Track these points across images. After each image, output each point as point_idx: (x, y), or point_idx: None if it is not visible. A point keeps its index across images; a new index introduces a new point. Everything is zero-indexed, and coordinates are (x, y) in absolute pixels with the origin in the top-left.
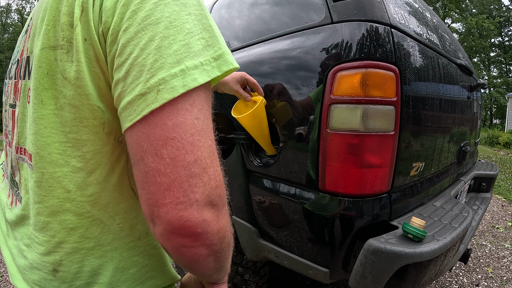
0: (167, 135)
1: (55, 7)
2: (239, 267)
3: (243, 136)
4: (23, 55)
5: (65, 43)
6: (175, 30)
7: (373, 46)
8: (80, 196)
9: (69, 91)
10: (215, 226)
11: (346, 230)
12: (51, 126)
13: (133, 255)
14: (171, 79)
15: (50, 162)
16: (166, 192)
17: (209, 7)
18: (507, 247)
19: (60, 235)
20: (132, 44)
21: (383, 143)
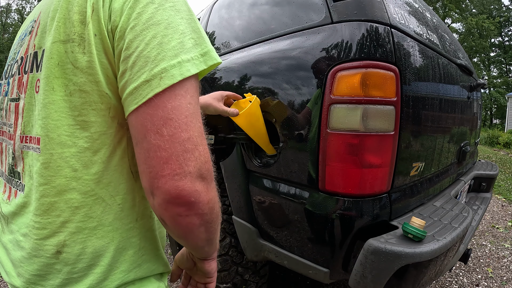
0: (167, 116)
1: (65, 7)
2: (239, 267)
3: (243, 136)
4: (28, 52)
5: (77, 37)
6: (172, 30)
7: (373, 46)
8: (85, 175)
9: (81, 78)
10: (205, 197)
11: (346, 230)
12: (61, 110)
13: (131, 236)
14: (171, 68)
15: (59, 143)
16: (165, 165)
17: (209, 7)
18: (507, 247)
19: (65, 214)
20: (138, 39)
21: (383, 143)
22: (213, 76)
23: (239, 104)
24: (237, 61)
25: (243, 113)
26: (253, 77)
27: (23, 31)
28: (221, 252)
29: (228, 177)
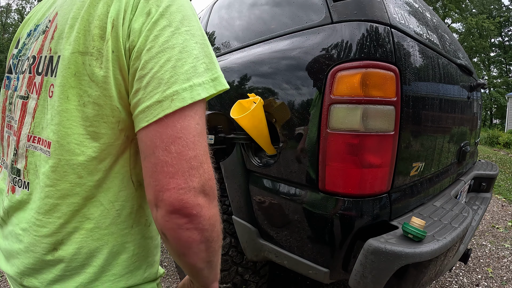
0: (175, 135)
1: (86, 18)
2: (239, 267)
3: (243, 136)
4: (43, 53)
5: (95, 51)
6: (186, 54)
7: (373, 46)
8: (89, 181)
9: (96, 91)
10: (207, 212)
11: (346, 230)
12: (73, 119)
13: (126, 242)
14: (182, 91)
15: (68, 151)
16: (171, 180)
17: (209, 7)
18: (507, 247)
19: (66, 216)
20: (154, 61)
21: (383, 143)
22: None
23: (242, 104)
24: (237, 61)
25: (246, 115)
26: (253, 77)
27: (34, 24)
28: (221, 252)
29: (228, 177)
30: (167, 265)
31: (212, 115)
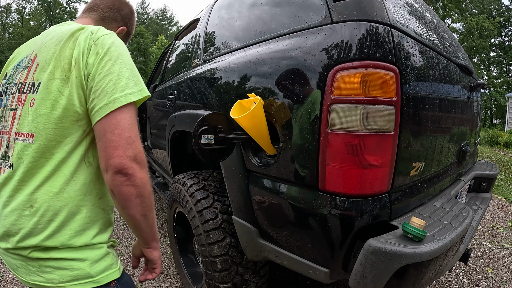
0: (117, 123)
1: (58, 59)
2: (239, 267)
3: (243, 136)
4: (27, 80)
5: (64, 77)
6: (121, 76)
7: (373, 46)
8: (58, 158)
9: (64, 101)
10: (139, 174)
11: (346, 230)
12: (48, 119)
13: (81, 206)
14: (120, 97)
15: (45, 138)
16: (115, 151)
17: (209, 7)
18: (507, 247)
19: (41, 180)
20: (102, 81)
21: (383, 143)
22: (213, 77)
23: (242, 104)
24: (237, 61)
25: (246, 115)
26: (253, 77)
27: (17, 62)
28: (221, 252)
29: (228, 177)
30: (167, 265)
31: (212, 115)
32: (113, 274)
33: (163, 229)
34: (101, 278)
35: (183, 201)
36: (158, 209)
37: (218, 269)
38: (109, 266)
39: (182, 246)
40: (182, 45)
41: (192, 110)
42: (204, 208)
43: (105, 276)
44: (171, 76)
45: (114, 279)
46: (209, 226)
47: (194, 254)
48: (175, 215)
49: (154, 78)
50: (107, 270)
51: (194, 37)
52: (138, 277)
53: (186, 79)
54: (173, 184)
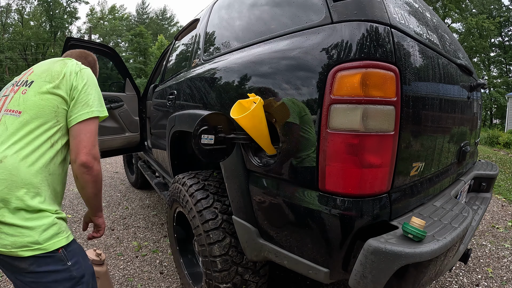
0: (86, 129)
1: (50, 70)
2: (239, 267)
3: (243, 136)
4: (22, 79)
5: (52, 82)
6: (95, 98)
7: (373, 46)
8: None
9: (48, 96)
10: (96, 167)
11: (346, 230)
12: (35, 104)
13: (45, 179)
14: (95, 110)
15: (29, 116)
16: (84, 149)
17: (208, 7)
18: (507, 247)
19: (16, 140)
20: (84, 97)
21: (383, 143)
22: (213, 77)
23: (242, 104)
24: (237, 61)
25: (246, 115)
26: (253, 77)
27: (14, 80)
28: (221, 252)
29: (228, 177)
30: (167, 265)
31: (212, 115)
32: (60, 242)
33: (163, 229)
34: (48, 245)
35: (183, 201)
36: (158, 209)
37: (218, 269)
38: (56, 234)
39: (182, 246)
40: (182, 45)
41: (192, 110)
42: (204, 208)
43: (52, 243)
44: (171, 76)
45: (61, 246)
46: (209, 226)
47: (194, 254)
48: (175, 215)
49: (154, 78)
50: (54, 238)
51: (194, 37)
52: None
53: (186, 79)
54: (173, 184)
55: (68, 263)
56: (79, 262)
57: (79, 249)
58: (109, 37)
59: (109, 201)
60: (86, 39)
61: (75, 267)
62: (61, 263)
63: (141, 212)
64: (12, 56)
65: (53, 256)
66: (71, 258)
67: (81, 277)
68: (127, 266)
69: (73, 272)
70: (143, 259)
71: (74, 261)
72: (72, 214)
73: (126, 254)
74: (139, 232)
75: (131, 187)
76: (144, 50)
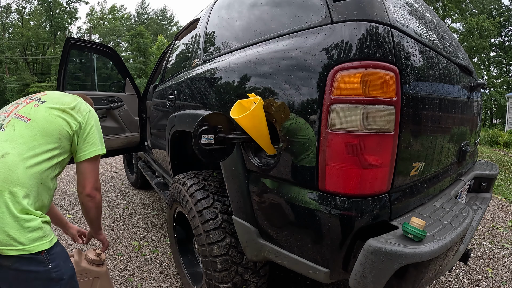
0: (91, 166)
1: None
2: (239, 267)
3: (243, 136)
4: (35, 96)
5: (62, 109)
6: (98, 137)
7: (373, 46)
8: (35, 141)
9: (57, 119)
10: (98, 196)
11: (346, 230)
12: (43, 118)
13: (37, 188)
14: (99, 149)
15: (37, 125)
16: (90, 184)
17: (208, 7)
18: (507, 247)
19: (21, 142)
20: (91, 136)
21: (383, 143)
22: (213, 77)
23: (242, 104)
24: (237, 61)
25: (246, 115)
26: (253, 77)
27: (26, 97)
28: (221, 252)
29: (228, 177)
30: (167, 265)
31: (212, 115)
32: (43, 245)
33: (163, 229)
34: (32, 247)
35: (183, 201)
36: (158, 209)
37: (218, 269)
38: (40, 238)
39: (182, 246)
40: (182, 45)
41: (192, 110)
42: (204, 208)
43: (36, 245)
44: (171, 76)
45: (44, 249)
46: (209, 226)
47: (194, 254)
48: (175, 215)
49: (154, 78)
50: (38, 241)
51: (194, 37)
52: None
53: (186, 79)
54: (173, 184)
55: (49, 265)
56: (59, 265)
57: (61, 252)
58: (109, 37)
59: (109, 201)
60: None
61: (55, 269)
62: (42, 264)
63: (141, 212)
64: (12, 56)
65: (36, 258)
66: (52, 261)
67: (60, 279)
68: (127, 266)
69: (52, 274)
70: (143, 259)
71: (54, 264)
72: (72, 214)
73: (126, 254)
74: (139, 232)
75: (131, 187)
76: (144, 50)
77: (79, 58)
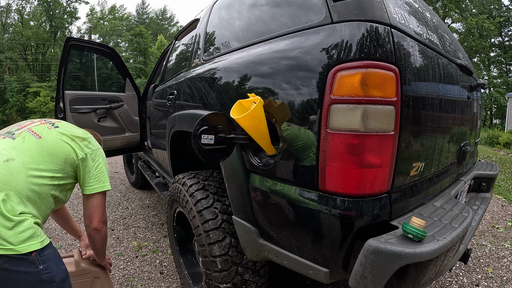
0: (98, 202)
1: (73, 131)
2: (239, 267)
3: (243, 136)
4: (50, 120)
5: (72, 138)
6: (105, 173)
7: (373, 46)
8: (42, 159)
9: (65, 145)
10: (104, 229)
11: (346, 230)
12: (53, 140)
13: (30, 190)
14: (103, 185)
15: (47, 143)
16: (96, 218)
17: (208, 7)
18: (507, 247)
19: (28, 154)
20: (97, 171)
21: (383, 143)
22: (213, 77)
23: (242, 104)
24: (237, 61)
25: (246, 115)
26: (253, 77)
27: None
28: (221, 252)
29: (228, 177)
30: (167, 265)
31: (212, 115)
32: (34, 246)
33: (163, 229)
34: (22, 248)
35: (183, 201)
36: (158, 209)
37: (218, 269)
38: (30, 238)
39: (182, 246)
40: (182, 45)
41: (192, 110)
42: (204, 208)
43: (26, 246)
44: (171, 76)
45: (34, 250)
46: (209, 226)
47: (194, 254)
48: (175, 215)
49: (154, 78)
50: (28, 241)
51: (194, 37)
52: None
53: (186, 79)
54: (173, 184)
55: (39, 267)
56: (50, 267)
57: (53, 254)
58: (109, 37)
59: (109, 201)
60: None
61: (46, 271)
62: (32, 266)
63: (141, 212)
64: (12, 56)
65: (26, 258)
66: (44, 262)
67: (51, 282)
68: (127, 266)
69: (43, 276)
70: (143, 259)
71: (45, 266)
72: (72, 214)
73: (126, 254)
74: (139, 232)
75: (131, 187)
76: (144, 50)
77: (79, 58)
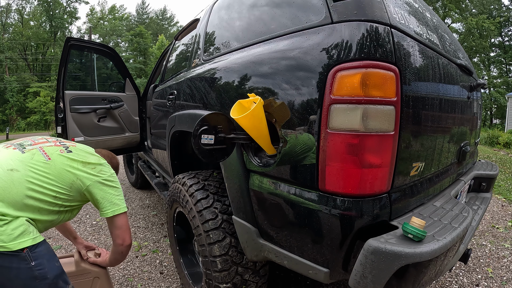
0: (123, 221)
1: (86, 157)
2: (239, 267)
3: (243, 136)
4: (65, 143)
5: (83, 164)
6: (121, 196)
7: (373, 46)
8: (50, 181)
9: (74, 171)
10: (127, 250)
11: (346, 230)
12: (62, 163)
13: (29, 212)
14: (121, 207)
15: (55, 166)
16: (127, 235)
17: (208, 7)
18: (507, 247)
19: (34, 170)
20: (114, 195)
21: (383, 143)
22: (213, 77)
23: (242, 104)
24: (237, 61)
25: (246, 115)
26: (253, 77)
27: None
28: (221, 252)
29: (228, 177)
30: (167, 265)
31: (212, 115)
32: (25, 242)
33: (163, 229)
34: (13, 245)
35: (183, 201)
36: (158, 209)
37: (218, 269)
38: (22, 234)
39: (182, 246)
40: (182, 45)
41: (192, 110)
42: (204, 208)
43: (17, 243)
44: (171, 76)
45: (26, 247)
46: (209, 226)
47: (194, 254)
48: (175, 215)
49: (154, 78)
50: (19, 238)
51: (194, 37)
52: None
53: (186, 79)
54: (173, 184)
55: (31, 263)
56: (42, 264)
57: (46, 251)
58: (109, 37)
59: None
60: (86, 39)
61: (38, 268)
62: (24, 262)
63: (141, 212)
64: (12, 56)
65: (17, 255)
66: (36, 259)
67: (44, 278)
68: (127, 266)
69: (35, 272)
70: (143, 259)
71: (37, 262)
72: None
73: None
74: (139, 232)
75: (131, 187)
76: (144, 50)
77: (79, 58)
